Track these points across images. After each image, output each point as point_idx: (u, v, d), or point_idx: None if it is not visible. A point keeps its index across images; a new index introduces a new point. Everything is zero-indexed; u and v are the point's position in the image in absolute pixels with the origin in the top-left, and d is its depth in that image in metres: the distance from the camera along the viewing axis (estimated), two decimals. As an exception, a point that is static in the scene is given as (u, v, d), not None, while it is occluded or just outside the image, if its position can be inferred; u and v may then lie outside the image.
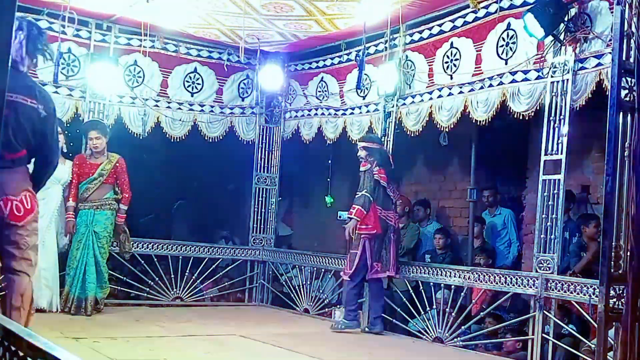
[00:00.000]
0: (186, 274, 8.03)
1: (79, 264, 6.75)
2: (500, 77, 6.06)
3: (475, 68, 6.34)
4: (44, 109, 3.79)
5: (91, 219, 6.85)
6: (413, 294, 6.73)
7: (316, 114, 8.32)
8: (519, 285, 5.72)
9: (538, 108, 5.80)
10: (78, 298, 6.71)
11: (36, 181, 3.93)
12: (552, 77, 5.65)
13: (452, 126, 6.60)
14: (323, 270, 7.82)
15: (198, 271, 8.14)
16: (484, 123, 6.31)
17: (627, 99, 4.45)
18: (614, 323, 4.30)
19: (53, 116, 3.92)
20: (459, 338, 6.20)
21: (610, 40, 4.97)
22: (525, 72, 5.87)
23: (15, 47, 3.63)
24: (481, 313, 6.32)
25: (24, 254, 3.76)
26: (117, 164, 6.99)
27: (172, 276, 8.01)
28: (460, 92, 6.46)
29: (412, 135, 6.99)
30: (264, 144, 8.67)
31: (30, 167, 4.00)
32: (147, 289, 7.88)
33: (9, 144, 3.62)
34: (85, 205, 6.90)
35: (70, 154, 7.15)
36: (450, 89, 6.58)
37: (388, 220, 6.61)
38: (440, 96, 6.68)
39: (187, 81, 8.20)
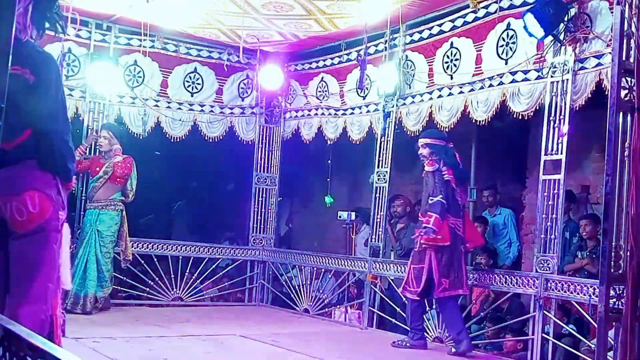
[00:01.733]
0: (186, 274, 8.03)
1: (79, 261, 6.80)
2: (500, 77, 6.06)
3: (475, 68, 6.34)
4: (30, 74, 2.90)
5: (95, 218, 6.95)
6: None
7: (316, 114, 8.31)
8: (519, 285, 5.72)
9: (538, 108, 5.80)
10: (75, 294, 6.73)
11: (43, 166, 2.95)
12: (552, 77, 5.65)
13: (452, 126, 6.60)
14: (323, 270, 7.81)
15: (198, 271, 8.14)
16: (484, 123, 6.32)
17: (627, 99, 4.45)
18: (614, 323, 4.30)
19: (48, 82, 2.99)
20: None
21: (610, 40, 4.97)
22: (525, 72, 5.88)
23: (18, 13, 2.75)
24: (481, 313, 6.31)
25: (34, 276, 2.82)
26: (119, 162, 7.03)
27: (172, 276, 8.01)
28: (460, 92, 6.46)
29: (412, 135, 6.98)
30: (263, 144, 8.66)
31: None
32: (147, 289, 7.88)
33: (5, 132, 2.53)
34: (91, 205, 7.02)
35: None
36: (450, 89, 6.58)
37: (457, 230, 5.72)
38: (440, 96, 6.69)
39: (187, 81, 8.20)
